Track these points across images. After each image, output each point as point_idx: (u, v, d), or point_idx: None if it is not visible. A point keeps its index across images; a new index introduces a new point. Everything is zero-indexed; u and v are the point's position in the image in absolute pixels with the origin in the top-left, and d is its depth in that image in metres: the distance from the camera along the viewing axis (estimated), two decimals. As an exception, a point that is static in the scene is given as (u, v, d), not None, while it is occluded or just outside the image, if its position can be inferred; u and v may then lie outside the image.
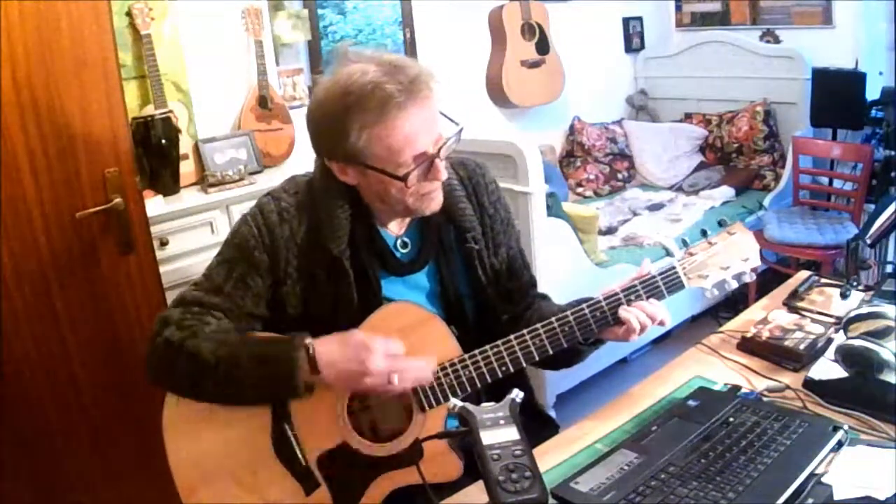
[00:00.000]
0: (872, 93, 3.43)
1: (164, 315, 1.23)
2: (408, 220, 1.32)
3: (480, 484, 1.00)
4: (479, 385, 1.21)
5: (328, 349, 1.15)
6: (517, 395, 1.03)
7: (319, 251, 1.24)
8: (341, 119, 1.15)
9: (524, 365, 1.21)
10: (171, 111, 2.63)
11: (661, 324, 1.22)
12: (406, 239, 1.32)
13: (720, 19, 4.20)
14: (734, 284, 1.26)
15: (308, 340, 1.15)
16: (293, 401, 1.19)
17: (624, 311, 1.20)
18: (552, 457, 1.19)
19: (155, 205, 2.43)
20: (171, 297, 2.13)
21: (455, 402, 1.04)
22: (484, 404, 1.02)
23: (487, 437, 0.96)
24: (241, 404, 1.21)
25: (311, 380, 1.15)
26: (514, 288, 1.41)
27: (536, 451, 1.03)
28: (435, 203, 1.25)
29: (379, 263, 1.29)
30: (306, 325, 1.25)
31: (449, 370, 1.20)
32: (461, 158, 1.39)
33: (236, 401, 1.20)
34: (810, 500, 0.98)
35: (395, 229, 1.32)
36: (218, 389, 1.18)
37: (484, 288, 1.34)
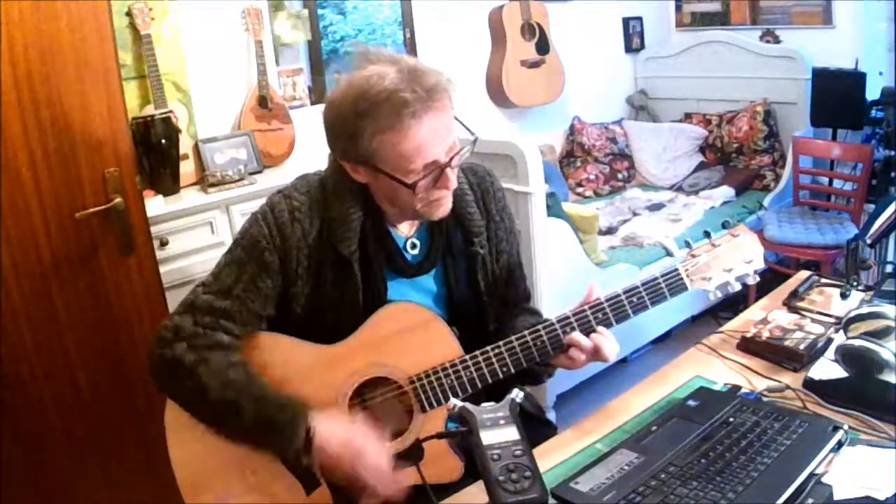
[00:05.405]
0: (872, 93, 3.43)
1: (176, 324, 1.21)
2: (418, 221, 1.33)
3: (480, 484, 1.00)
4: (479, 386, 1.21)
5: (328, 437, 1.14)
6: (517, 394, 1.03)
7: (329, 251, 1.24)
8: (354, 122, 1.14)
9: (524, 366, 1.22)
10: (171, 111, 2.63)
11: (604, 359, 1.21)
12: (416, 240, 1.32)
13: (720, 19, 4.20)
14: (737, 286, 1.26)
15: (311, 419, 1.14)
16: None
17: (578, 336, 1.19)
18: (552, 457, 1.19)
19: (155, 205, 2.43)
20: (171, 296, 2.14)
21: (455, 402, 1.04)
22: (484, 404, 1.02)
23: (487, 437, 0.96)
24: (229, 441, 1.20)
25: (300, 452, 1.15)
26: (509, 296, 1.41)
27: (536, 451, 1.02)
28: (443, 209, 1.24)
29: (387, 264, 1.29)
30: (311, 324, 1.25)
31: (450, 371, 1.21)
32: (472, 164, 1.39)
33: (226, 438, 1.19)
34: (810, 500, 0.98)
35: (405, 230, 1.32)
36: (213, 423, 1.19)
37: (483, 292, 1.34)
